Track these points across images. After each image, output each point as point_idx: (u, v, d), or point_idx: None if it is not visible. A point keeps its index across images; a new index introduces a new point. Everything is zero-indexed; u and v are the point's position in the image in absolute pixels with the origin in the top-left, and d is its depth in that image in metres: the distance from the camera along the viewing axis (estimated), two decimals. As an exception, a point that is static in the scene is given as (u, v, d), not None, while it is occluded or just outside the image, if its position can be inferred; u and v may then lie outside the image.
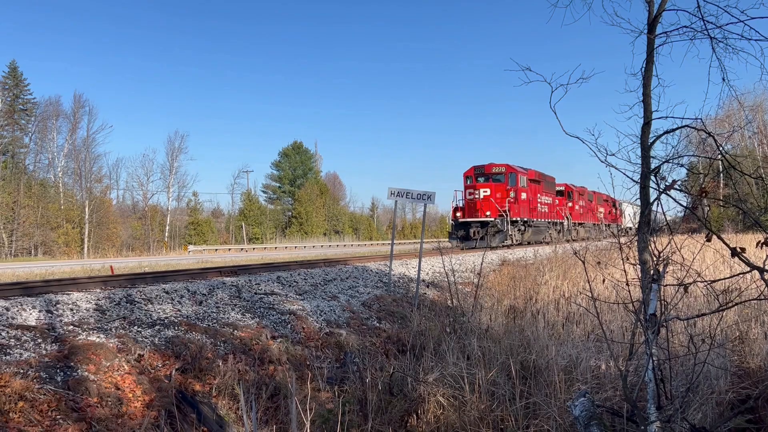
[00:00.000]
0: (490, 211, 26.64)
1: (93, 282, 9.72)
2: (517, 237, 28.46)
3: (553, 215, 34.48)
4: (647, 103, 5.08)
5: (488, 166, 28.66)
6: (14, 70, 60.05)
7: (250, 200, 77.53)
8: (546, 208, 33.19)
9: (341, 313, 9.84)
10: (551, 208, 34.35)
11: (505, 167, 28.47)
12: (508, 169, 28.49)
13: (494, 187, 27.67)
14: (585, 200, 43.01)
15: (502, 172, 28.51)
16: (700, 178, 7.31)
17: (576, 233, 39.13)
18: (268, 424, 6.09)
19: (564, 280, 11.99)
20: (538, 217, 31.34)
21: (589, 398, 4.51)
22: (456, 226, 27.79)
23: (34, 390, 5.03)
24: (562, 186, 38.54)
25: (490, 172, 28.63)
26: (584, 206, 42.58)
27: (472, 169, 29.17)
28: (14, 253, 50.40)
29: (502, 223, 26.46)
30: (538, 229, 31.52)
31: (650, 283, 4.34)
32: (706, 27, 4.94)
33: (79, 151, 61.78)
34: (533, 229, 30.63)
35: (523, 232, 29.35)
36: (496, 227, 26.42)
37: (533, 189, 30.92)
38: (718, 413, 5.10)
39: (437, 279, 14.76)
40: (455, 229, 27.61)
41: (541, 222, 31.89)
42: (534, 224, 30.71)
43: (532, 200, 30.32)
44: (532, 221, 30.18)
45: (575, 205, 39.89)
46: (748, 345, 6.75)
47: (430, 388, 6.21)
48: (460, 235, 26.91)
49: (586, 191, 43.53)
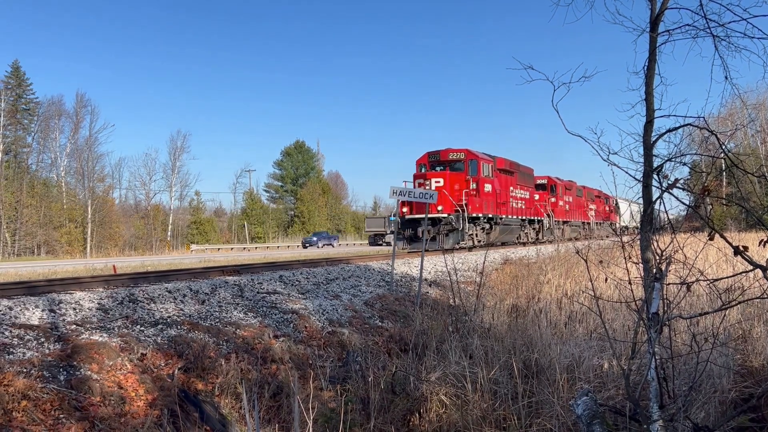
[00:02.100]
0: (442, 206, 21.88)
1: (96, 281, 9.74)
2: (480, 237, 24.06)
3: (530, 212, 30.34)
4: (650, 102, 5.07)
5: (444, 152, 24.24)
6: (17, 70, 60.21)
7: (253, 199, 77.64)
8: (522, 203, 29.09)
9: (344, 312, 9.84)
10: (529, 203, 30.29)
11: (465, 153, 23.95)
12: (469, 155, 23.91)
13: (450, 176, 23.06)
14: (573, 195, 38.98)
15: (460, 158, 23.91)
16: (703, 177, 7.29)
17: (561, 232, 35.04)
18: (270, 423, 6.09)
19: (566, 279, 11.97)
20: (510, 213, 27.11)
21: (591, 397, 4.51)
22: (402, 224, 22.68)
23: (37, 389, 5.04)
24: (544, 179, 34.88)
25: (447, 159, 24.08)
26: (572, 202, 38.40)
27: (426, 155, 24.76)
28: (17, 253, 50.51)
29: (457, 219, 21.86)
30: (509, 227, 27.29)
31: (653, 282, 4.33)
32: (709, 25, 4.93)
33: (82, 151, 61.94)
34: (502, 228, 26.30)
35: (488, 230, 24.85)
36: (450, 225, 21.97)
37: (503, 181, 26.69)
38: (721, 412, 5.09)
39: (439, 278, 14.76)
40: (401, 227, 22.64)
41: (514, 219, 27.61)
42: (504, 222, 26.25)
43: (502, 193, 25.93)
44: (500, 218, 25.67)
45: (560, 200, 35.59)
46: (751, 344, 6.74)
47: (433, 387, 6.21)
48: (407, 235, 22.71)
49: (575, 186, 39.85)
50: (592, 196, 43.78)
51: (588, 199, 42.59)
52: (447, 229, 21.76)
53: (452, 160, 23.96)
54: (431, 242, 21.37)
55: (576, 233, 37.27)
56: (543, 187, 34.13)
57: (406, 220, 22.87)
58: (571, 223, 37.55)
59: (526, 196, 29.99)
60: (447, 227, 21.81)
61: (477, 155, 23.90)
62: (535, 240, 30.92)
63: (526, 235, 30.30)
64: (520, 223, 28.81)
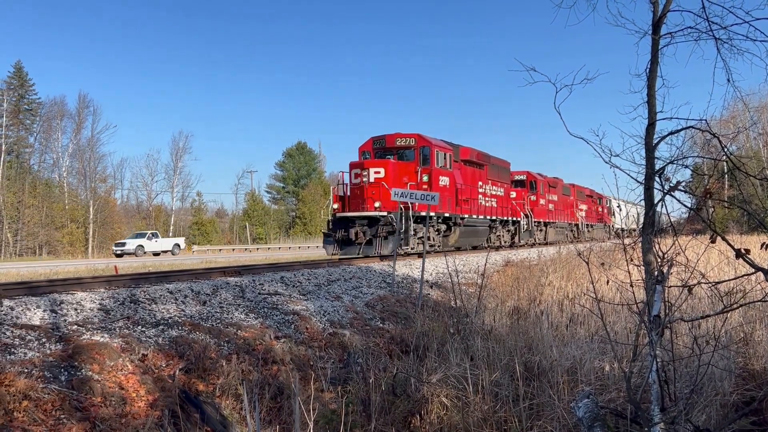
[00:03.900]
0: (380, 202, 18.06)
1: (97, 282, 9.75)
2: (435, 240, 20.35)
3: (505, 211, 26.59)
4: (652, 104, 5.08)
5: (391, 137, 20.34)
6: (19, 70, 60.36)
7: (254, 200, 77.74)
8: (493, 201, 25.33)
9: (345, 314, 9.84)
10: (503, 201, 26.50)
11: (416, 138, 20.04)
12: (420, 141, 19.99)
13: (394, 166, 19.10)
14: (558, 194, 35.14)
15: (410, 145, 20.06)
16: (705, 179, 7.29)
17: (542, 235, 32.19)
18: (271, 424, 6.09)
19: (568, 281, 11.98)
20: (477, 212, 23.11)
21: (592, 399, 4.51)
22: (333, 223, 18.93)
23: (38, 389, 5.04)
24: (522, 174, 31.33)
25: (394, 145, 20.19)
26: (557, 201, 34.67)
27: (370, 141, 20.82)
28: (19, 253, 50.58)
29: (399, 219, 17.77)
30: (474, 229, 23.21)
31: (654, 285, 4.33)
32: (711, 28, 4.94)
33: (84, 151, 62.14)
34: (464, 230, 22.07)
35: (445, 232, 20.95)
36: (390, 225, 17.74)
37: (469, 174, 23.04)
38: (722, 415, 5.08)
39: (441, 279, 14.75)
40: (333, 227, 18.84)
41: (480, 220, 23.49)
42: (467, 222, 22.07)
43: (465, 189, 21.95)
44: (461, 218, 21.38)
45: (541, 199, 31.70)
46: (753, 347, 6.73)
47: (434, 388, 6.21)
48: (339, 237, 18.36)
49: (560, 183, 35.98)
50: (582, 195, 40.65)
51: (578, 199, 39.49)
52: (386, 231, 17.72)
53: (401, 147, 20.19)
54: (367, 246, 17.82)
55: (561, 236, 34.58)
56: (521, 184, 30.72)
57: (337, 218, 18.91)
58: (555, 224, 34.19)
59: (500, 193, 26.32)
60: (386, 228, 17.76)
61: (430, 141, 20.06)
62: (510, 244, 27.68)
63: (498, 237, 26.56)
64: (489, 224, 24.99)
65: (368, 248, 17.75)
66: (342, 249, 18.37)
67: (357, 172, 19.08)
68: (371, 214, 18.06)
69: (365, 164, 19.05)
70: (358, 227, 17.94)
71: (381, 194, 18.06)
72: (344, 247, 18.34)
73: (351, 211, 18.76)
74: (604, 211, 45.39)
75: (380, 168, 18.79)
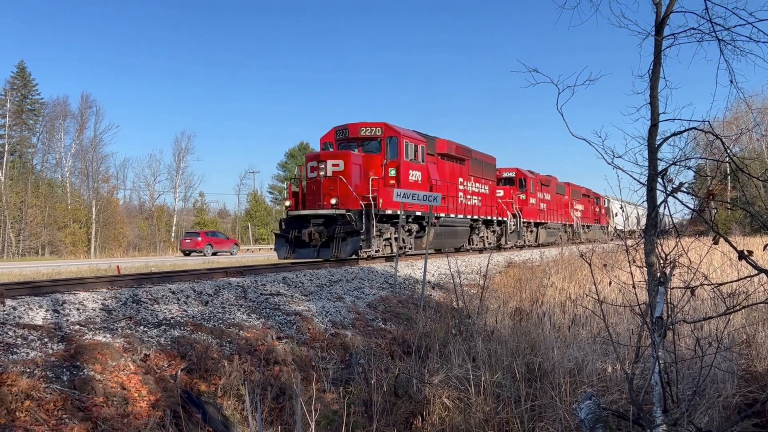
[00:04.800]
0: (337, 198, 15.98)
1: (99, 282, 9.76)
2: (406, 241, 18.37)
3: (489, 210, 24.63)
4: (654, 105, 5.08)
5: (355, 126, 18.28)
6: (23, 71, 60.46)
7: (257, 201, 77.77)
8: (476, 199, 23.37)
9: (347, 314, 9.84)
10: (488, 200, 24.65)
11: (382, 127, 17.91)
12: (387, 131, 17.90)
13: (355, 159, 17.02)
14: (551, 193, 33.28)
15: (376, 135, 17.94)
16: (708, 181, 7.28)
17: (532, 236, 30.40)
18: (273, 425, 6.10)
19: (570, 283, 11.97)
20: (457, 211, 21.16)
21: (594, 401, 4.50)
22: (287, 223, 17.06)
23: (40, 389, 5.05)
24: (511, 171, 29.49)
25: (358, 135, 18.12)
26: (549, 201, 32.81)
27: (332, 131, 18.78)
28: (21, 253, 50.66)
29: (360, 219, 15.84)
30: (452, 229, 21.14)
31: (657, 286, 4.32)
32: (714, 29, 4.93)
33: (87, 151, 62.21)
34: (440, 230, 20.07)
35: (417, 233, 19.10)
36: (351, 226, 15.70)
37: (447, 169, 21.19)
38: (725, 417, 5.07)
39: (443, 280, 14.75)
40: (286, 228, 16.90)
41: (459, 219, 21.45)
42: (443, 222, 20.11)
43: (442, 185, 19.96)
44: (436, 217, 19.25)
45: (531, 198, 29.79)
46: (755, 348, 6.72)
47: (436, 389, 6.21)
48: (292, 238, 16.36)
49: (554, 181, 34.11)
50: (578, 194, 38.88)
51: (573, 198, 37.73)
52: (345, 231, 15.76)
53: (365, 137, 18.10)
54: (324, 249, 15.85)
55: (554, 237, 33.42)
56: (510, 182, 28.81)
57: (291, 217, 16.95)
58: (547, 225, 32.17)
59: (484, 191, 24.37)
60: (344, 228, 15.77)
61: (398, 131, 17.98)
62: (496, 246, 25.86)
63: (482, 239, 24.53)
64: (471, 224, 22.90)
65: (325, 251, 15.85)
66: (295, 252, 16.39)
67: (313, 165, 16.98)
68: (327, 212, 16.06)
69: (322, 156, 17.04)
70: (313, 227, 16.04)
71: (339, 190, 16.09)
72: (298, 250, 16.31)
73: (307, 208, 16.80)
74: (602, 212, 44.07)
75: (339, 160, 16.66)
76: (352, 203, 16.01)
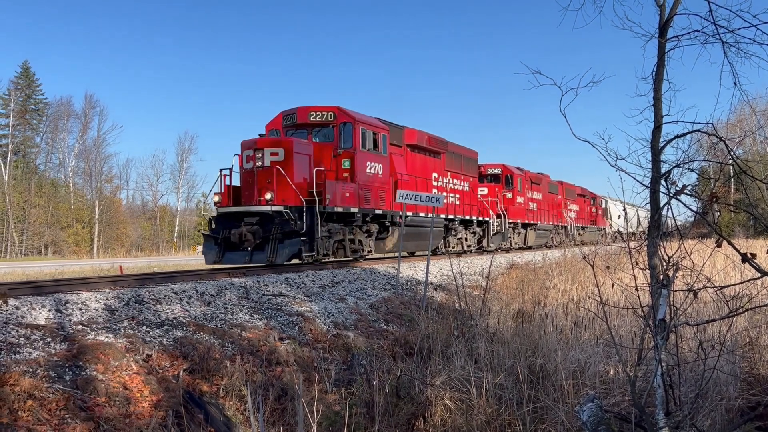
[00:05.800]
0: (273, 193, 13.37)
1: (102, 282, 9.77)
2: (365, 243, 16.17)
3: (469, 209, 22.29)
4: (658, 107, 5.07)
5: (303, 111, 15.65)
6: (26, 71, 60.63)
7: (259, 201, 77.69)
8: (453, 197, 20.98)
9: (349, 315, 9.84)
10: (467, 198, 22.31)
11: (335, 112, 15.43)
12: (341, 117, 15.43)
13: (304, 147, 14.57)
14: (542, 191, 30.95)
15: (328, 121, 15.43)
16: (711, 183, 7.28)
17: (520, 238, 28.17)
18: (275, 426, 6.10)
19: (573, 285, 11.95)
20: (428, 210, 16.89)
21: (597, 403, 4.49)
22: (217, 222, 14.25)
23: (42, 389, 5.06)
24: (497, 167, 27.11)
25: (308, 121, 15.58)
26: (540, 200, 30.51)
27: (279, 116, 16.20)
28: (24, 253, 50.79)
29: (302, 217, 13.52)
30: (421, 231, 18.22)
31: (660, 288, 4.32)
32: (718, 31, 4.93)
33: (90, 151, 62.37)
34: (407, 231, 16.78)
35: (380, 234, 16.92)
36: (289, 226, 13.22)
37: (418, 163, 18.85)
38: (728, 420, 5.06)
39: (445, 282, 14.75)
40: (216, 227, 14.13)
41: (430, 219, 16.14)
42: (411, 222, 17.30)
43: (410, 180, 17.70)
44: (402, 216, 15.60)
45: (519, 196, 27.36)
46: (758, 351, 6.71)
47: (438, 391, 6.21)
48: (221, 239, 13.64)
49: (545, 180, 31.80)
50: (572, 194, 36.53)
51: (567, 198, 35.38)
52: (283, 232, 13.18)
53: (316, 123, 15.57)
54: (258, 252, 13.20)
55: (545, 239, 31.54)
56: (495, 179, 26.60)
57: (221, 214, 14.20)
58: (537, 226, 29.84)
59: (463, 188, 22.06)
60: (281, 228, 13.17)
61: (353, 117, 15.52)
62: (478, 248, 23.95)
63: (460, 241, 22.13)
64: (446, 225, 20.55)
65: (259, 254, 13.17)
66: (223, 256, 13.69)
67: (249, 155, 14.17)
68: (262, 209, 13.37)
69: (258, 143, 14.20)
70: (245, 227, 13.37)
71: (276, 183, 13.45)
72: (227, 254, 13.64)
73: (241, 204, 14.17)
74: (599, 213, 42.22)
75: (278, 149, 13.98)
76: (293, 199, 13.55)
